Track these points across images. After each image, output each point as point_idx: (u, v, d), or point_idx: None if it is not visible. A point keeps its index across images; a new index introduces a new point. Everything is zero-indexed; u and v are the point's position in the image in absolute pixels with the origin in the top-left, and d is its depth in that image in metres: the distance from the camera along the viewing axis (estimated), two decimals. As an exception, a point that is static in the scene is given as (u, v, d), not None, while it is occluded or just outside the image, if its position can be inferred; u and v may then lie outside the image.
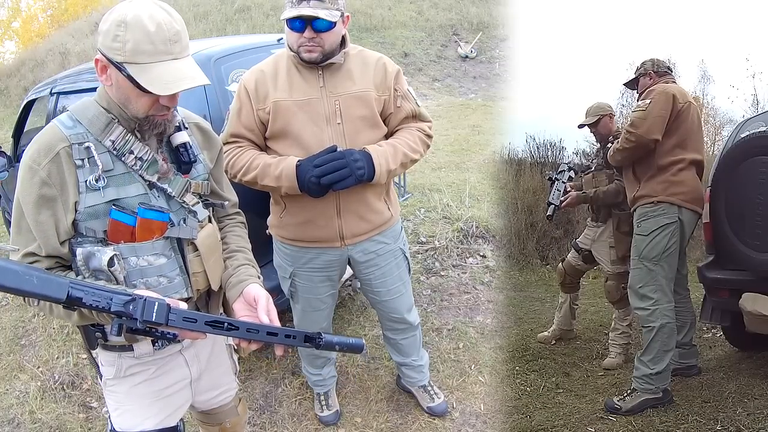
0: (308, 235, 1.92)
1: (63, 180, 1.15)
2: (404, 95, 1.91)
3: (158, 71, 1.11)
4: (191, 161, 1.32)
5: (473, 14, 12.20)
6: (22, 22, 19.52)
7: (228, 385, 1.63)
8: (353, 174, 1.71)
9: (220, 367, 1.57)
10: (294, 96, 1.79)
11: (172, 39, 1.12)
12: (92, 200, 1.17)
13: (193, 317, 1.09)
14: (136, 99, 1.17)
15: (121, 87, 1.16)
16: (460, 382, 2.60)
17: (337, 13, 1.70)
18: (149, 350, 1.36)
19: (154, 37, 1.10)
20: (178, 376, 1.45)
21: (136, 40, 1.09)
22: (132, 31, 1.09)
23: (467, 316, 3.12)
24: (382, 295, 2.13)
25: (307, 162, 1.73)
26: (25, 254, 1.18)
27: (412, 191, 4.52)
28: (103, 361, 1.40)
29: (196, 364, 1.48)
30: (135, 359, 1.37)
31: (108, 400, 1.46)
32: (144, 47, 1.10)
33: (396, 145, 1.84)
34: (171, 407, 1.46)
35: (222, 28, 11.56)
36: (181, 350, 1.44)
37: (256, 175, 1.77)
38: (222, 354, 1.57)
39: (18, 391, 2.76)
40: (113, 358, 1.37)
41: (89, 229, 1.19)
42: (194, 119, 1.42)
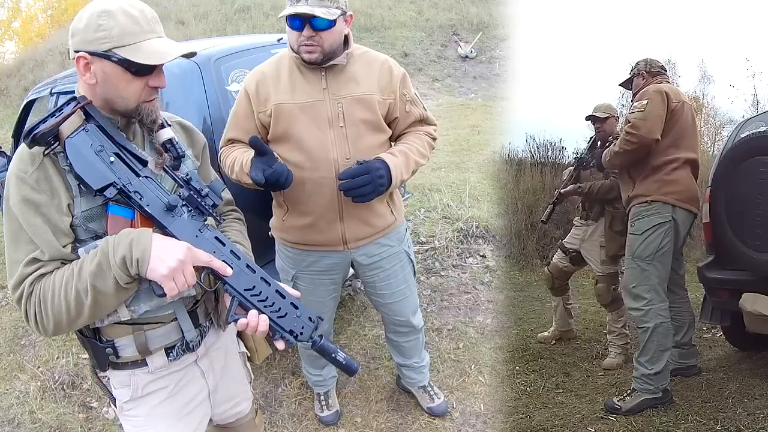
0: (311, 238, 1.90)
1: (52, 186, 1.13)
2: (413, 100, 1.89)
3: (149, 46, 1.14)
4: (180, 156, 1.30)
5: (473, 14, 12.20)
6: (22, 22, 19.53)
7: (244, 395, 1.58)
8: (375, 191, 1.70)
9: (234, 376, 1.53)
10: (296, 98, 1.76)
11: (154, 20, 1.18)
12: (87, 204, 1.16)
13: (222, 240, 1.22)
14: (126, 86, 1.16)
15: (109, 79, 1.15)
16: (460, 382, 2.60)
17: (337, 11, 1.67)
18: (164, 362, 1.31)
19: (139, 19, 1.14)
20: (196, 389, 1.40)
21: (121, 24, 1.12)
22: (116, 18, 1.12)
23: (467, 316, 3.12)
24: (386, 298, 2.12)
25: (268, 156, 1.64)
26: (27, 262, 1.13)
27: (412, 191, 4.52)
28: (115, 383, 1.32)
29: (211, 374, 1.43)
30: (150, 374, 1.31)
31: (126, 426, 1.37)
32: (131, 29, 1.13)
33: (408, 153, 1.82)
34: (193, 424, 1.41)
35: (222, 28, 11.55)
36: (197, 360, 1.39)
37: (237, 172, 1.74)
38: (236, 362, 1.53)
39: (18, 391, 2.76)
40: (126, 377, 1.30)
41: (89, 230, 1.17)
42: (175, 118, 1.41)
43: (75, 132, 1.12)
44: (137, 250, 1.09)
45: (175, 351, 1.31)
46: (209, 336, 1.41)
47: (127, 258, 1.09)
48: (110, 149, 1.15)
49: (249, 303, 1.21)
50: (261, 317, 1.21)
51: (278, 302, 1.23)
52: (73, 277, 1.11)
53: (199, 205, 1.21)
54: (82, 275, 1.10)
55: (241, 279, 1.20)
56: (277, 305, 1.22)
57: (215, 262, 1.18)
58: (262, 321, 1.21)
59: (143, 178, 1.16)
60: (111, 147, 1.15)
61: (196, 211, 1.21)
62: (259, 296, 1.21)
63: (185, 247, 1.13)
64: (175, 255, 1.11)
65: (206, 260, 1.16)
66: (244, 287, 1.21)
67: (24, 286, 1.13)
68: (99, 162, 1.12)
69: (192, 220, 1.20)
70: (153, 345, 1.28)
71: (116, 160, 1.14)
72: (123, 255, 1.09)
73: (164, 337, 1.29)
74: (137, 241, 1.10)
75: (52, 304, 1.11)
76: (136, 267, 1.09)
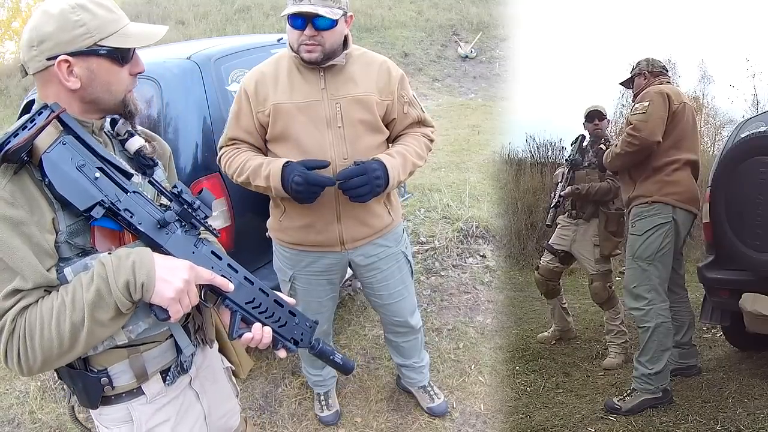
0: (308, 239, 1.91)
1: (31, 197, 1.00)
2: (411, 101, 1.90)
3: (131, 30, 1.10)
4: (153, 164, 1.24)
5: (473, 14, 12.19)
6: (22, 22, 19.51)
7: (233, 410, 1.54)
8: (372, 191, 1.71)
9: (223, 393, 1.49)
10: (294, 98, 1.76)
11: (118, 6, 1.12)
12: (71, 218, 1.04)
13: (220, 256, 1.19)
14: (116, 79, 1.10)
15: (97, 76, 1.08)
16: (460, 382, 2.60)
17: (339, 11, 1.67)
18: (161, 388, 1.22)
19: (110, 6, 1.09)
20: (194, 415, 1.33)
21: (98, 14, 1.06)
22: (90, 10, 1.05)
23: (467, 316, 3.12)
24: (384, 299, 2.12)
25: (295, 164, 1.71)
26: (5, 295, 0.98)
27: (412, 191, 4.51)
28: (108, 423, 1.21)
29: (205, 396, 1.37)
30: (150, 405, 1.22)
31: None
32: (109, 16, 1.08)
33: (406, 155, 1.83)
34: None
35: (222, 28, 11.55)
36: (190, 382, 1.32)
37: (248, 176, 1.76)
38: (222, 379, 1.49)
39: (18, 391, 2.76)
40: (124, 412, 1.20)
41: (75, 246, 1.06)
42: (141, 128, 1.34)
43: (52, 146, 1.00)
44: (141, 273, 0.99)
45: (171, 374, 1.24)
46: (197, 356, 1.34)
47: (131, 283, 0.99)
48: (93, 163, 1.04)
49: (251, 316, 1.18)
50: (265, 329, 1.18)
51: (278, 312, 1.22)
52: (65, 308, 0.98)
53: (193, 219, 1.14)
54: (77, 305, 0.98)
55: (241, 293, 1.18)
56: (277, 315, 1.22)
57: (217, 279, 1.12)
58: (266, 333, 1.18)
59: (131, 193, 1.07)
60: (93, 161, 1.04)
61: (190, 226, 1.14)
62: (260, 308, 1.20)
63: (188, 266, 1.06)
64: (180, 276, 1.03)
65: (208, 278, 1.10)
66: (245, 301, 1.18)
67: (5, 322, 0.97)
68: (82, 179, 1.01)
69: (186, 236, 1.13)
70: (150, 368, 1.20)
71: (101, 176, 1.04)
72: (126, 280, 0.99)
73: (161, 357, 1.22)
74: (140, 264, 1.00)
75: (41, 340, 0.98)
76: (140, 292, 1.00)
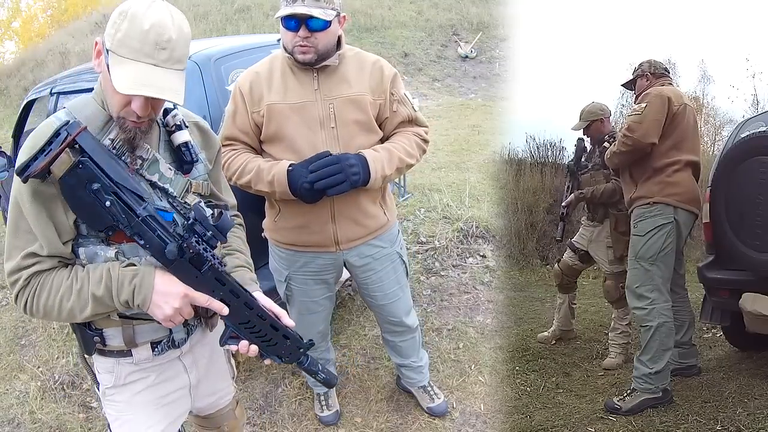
0: (303, 239, 1.91)
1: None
2: (401, 99, 1.88)
3: (131, 69, 1.07)
4: (193, 161, 1.30)
5: (473, 14, 12.18)
6: (22, 22, 19.51)
7: (226, 389, 1.61)
8: (348, 179, 1.69)
9: (218, 373, 1.55)
10: (288, 99, 1.76)
11: (161, 45, 1.07)
12: None
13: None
14: (112, 92, 1.12)
15: (105, 75, 1.14)
16: (460, 382, 2.60)
17: (333, 12, 1.67)
18: (148, 355, 1.33)
19: (144, 36, 1.06)
20: (178, 383, 1.43)
21: (126, 32, 1.07)
22: (127, 23, 1.07)
23: (467, 316, 3.12)
24: (379, 299, 2.12)
25: (299, 167, 1.71)
26: (24, 255, 1.15)
27: (412, 191, 4.52)
28: (100, 368, 1.37)
29: (194, 370, 1.45)
30: (134, 366, 1.34)
31: (107, 410, 1.42)
32: (130, 42, 1.07)
33: (392, 149, 1.82)
34: (172, 415, 1.44)
35: (222, 28, 11.54)
36: (180, 356, 1.41)
37: (250, 179, 1.76)
38: (220, 359, 1.55)
39: (18, 391, 2.76)
40: (111, 365, 1.34)
41: None
42: (194, 118, 1.40)
43: (68, 170, 1.07)
44: (139, 297, 1.16)
45: (160, 346, 1.34)
46: (195, 333, 1.42)
47: (130, 301, 1.16)
48: (107, 188, 1.09)
49: (242, 334, 1.26)
50: (251, 347, 1.27)
51: (270, 333, 1.28)
52: (71, 293, 1.15)
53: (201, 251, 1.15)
54: (82, 296, 1.15)
55: (237, 315, 1.24)
56: (269, 336, 1.28)
57: (213, 303, 1.21)
58: (252, 350, 1.27)
59: (143, 219, 1.12)
60: (108, 185, 1.10)
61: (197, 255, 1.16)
62: (252, 329, 1.26)
63: (182, 293, 1.17)
64: (172, 304, 1.17)
65: (204, 302, 1.20)
66: (239, 322, 1.25)
67: (20, 277, 1.16)
68: (96, 205, 1.10)
69: (191, 261, 1.17)
70: (140, 339, 1.31)
71: (114, 201, 1.09)
72: (126, 299, 1.16)
73: (151, 332, 1.31)
74: (139, 290, 1.15)
75: (45, 303, 1.17)
76: (137, 308, 1.18)
